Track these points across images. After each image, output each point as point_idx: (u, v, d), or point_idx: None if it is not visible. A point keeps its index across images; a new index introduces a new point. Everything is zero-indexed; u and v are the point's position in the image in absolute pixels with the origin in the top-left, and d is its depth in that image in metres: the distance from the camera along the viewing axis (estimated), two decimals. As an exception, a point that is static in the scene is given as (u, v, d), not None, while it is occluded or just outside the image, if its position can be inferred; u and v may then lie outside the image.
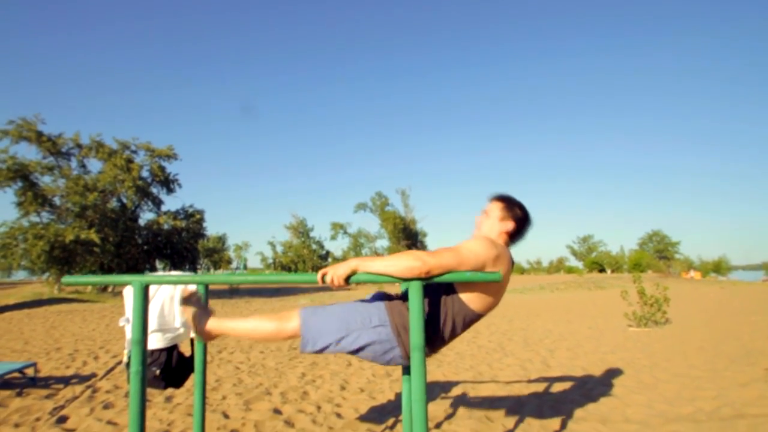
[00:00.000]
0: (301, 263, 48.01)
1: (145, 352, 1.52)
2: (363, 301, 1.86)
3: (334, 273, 1.59)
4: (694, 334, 7.28)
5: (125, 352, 2.31)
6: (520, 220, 1.90)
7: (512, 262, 1.84)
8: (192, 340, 2.47)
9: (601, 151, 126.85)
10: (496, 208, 1.91)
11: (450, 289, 1.75)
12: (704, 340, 6.61)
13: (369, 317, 1.73)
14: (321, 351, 1.73)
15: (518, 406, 3.61)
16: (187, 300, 1.89)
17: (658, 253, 66.20)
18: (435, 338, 1.74)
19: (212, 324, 1.84)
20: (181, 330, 2.37)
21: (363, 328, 1.71)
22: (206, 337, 1.88)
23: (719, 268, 58.99)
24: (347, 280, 1.59)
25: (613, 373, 4.72)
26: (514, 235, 1.91)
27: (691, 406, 3.51)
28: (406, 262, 1.55)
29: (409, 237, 46.86)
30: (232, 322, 1.83)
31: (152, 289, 2.31)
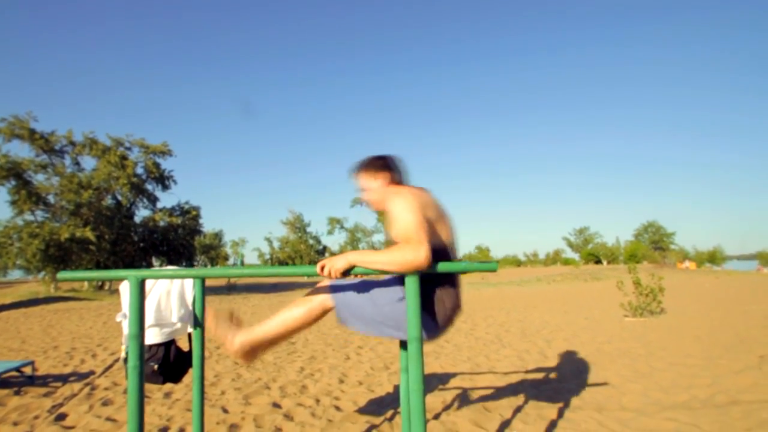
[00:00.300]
0: (299, 258, 47.99)
1: (142, 347, 1.52)
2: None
3: (332, 266, 1.59)
4: (689, 324, 7.34)
5: (123, 347, 2.31)
6: (386, 165, 1.91)
7: (426, 190, 1.87)
8: (189, 335, 2.47)
9: (597, 142, 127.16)
10: (366, 178, 1.92)
11: None
12: (699, 329, 6.67)
13: (396, 292, 1.78)
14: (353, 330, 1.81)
15: (516, 397, 3.64)
16: (217, 317, 1.87)
17: (654, 244, 66.56)
18: (446, 300, 1.80)
19: (244, 336, 1.83)
20: (179, 325, 2.37)
21: (390, 312, 1.76)
22: (244, 355, 1.85)
23: (714, 258, 59.47)
24: (345, 273, 1.60)
25: (610, 362, 4.76)
26: (396, 177, 1.91)
27: (686, 393, 3.55)
28: (404, 258, 1.54)
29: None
30: (262, 326, 1.82)
31: (148, 284, 2.30)
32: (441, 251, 1.76)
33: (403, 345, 2.14)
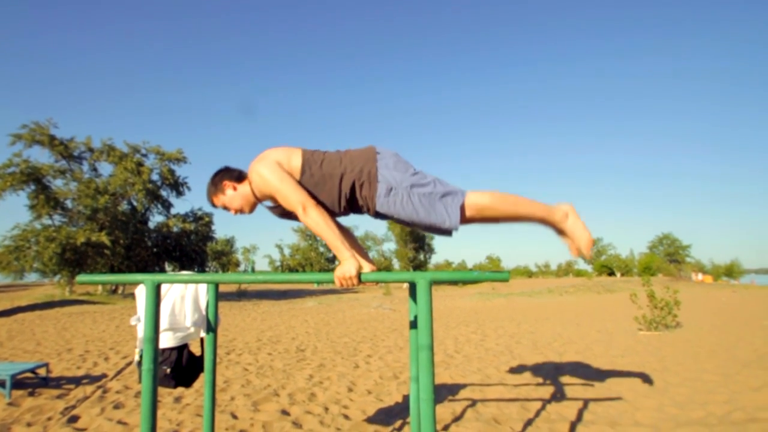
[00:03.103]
0: (309, 266, 48.15)
1: (156, 351, 1.54)
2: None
3: (349, 276, 1.61)
4: (705, 338, 7.18)
5: (137, 351, 2.34)
6: (221, 175, 1.90)
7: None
8: (202, 340, 2.49)
9: (611, 152, 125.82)
10: (217, 198, 1.91)
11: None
12: (716, 344, 6.52)
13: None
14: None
15: (526, 410, 3.59)
16: None
17: (669, 256, 65.35)
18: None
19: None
20: (192, 329, 2.40)
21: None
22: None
23: (731, 271, 58.21)
24: (359, 277, 1.62)
25: (623, 376, 4.67)
26: (236, 175, 1.90)
27: (702, 410, 3.47)
28: (317, 225, 1.69)
29: (415, 240, 46.80)
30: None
31: (163, 288, 2.34)
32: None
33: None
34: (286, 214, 1.91)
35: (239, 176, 1.89)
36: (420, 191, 1.74)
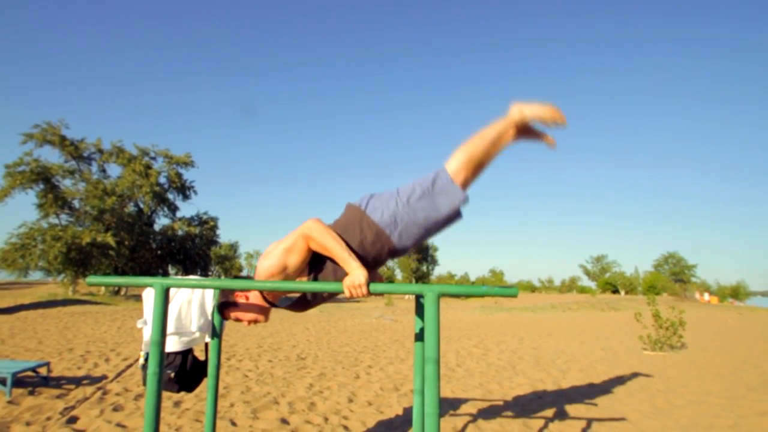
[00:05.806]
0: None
1: (162, 354, 1.54)
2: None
3: (360, 286, 1.58)
4: (710, 360, 7.09)
5: (141, 353, 2.34)
6: (225, 302, 1.79)
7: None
8: (206, 345, 2.49)
9: (618, 170, 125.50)
10: (232, 313, 1.79)
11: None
12: (721, 367, 6.43)
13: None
14: None
15: (528, 427, 3.54)
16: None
17: (674, 275, 64.76)
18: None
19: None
20: (197, 334, 2.40)
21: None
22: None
23: (737, 293, 57.63)
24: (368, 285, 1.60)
25: (627, 397, 4.61)
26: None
27: (707, 434, 3.41)
28: (314, 233, 1.64)
29: (419, 251, 46.69)
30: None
31: (171, 292, 2.34)
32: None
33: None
34: (310, 304, 1.84)
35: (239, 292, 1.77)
36: (414, 197, 1.75)
